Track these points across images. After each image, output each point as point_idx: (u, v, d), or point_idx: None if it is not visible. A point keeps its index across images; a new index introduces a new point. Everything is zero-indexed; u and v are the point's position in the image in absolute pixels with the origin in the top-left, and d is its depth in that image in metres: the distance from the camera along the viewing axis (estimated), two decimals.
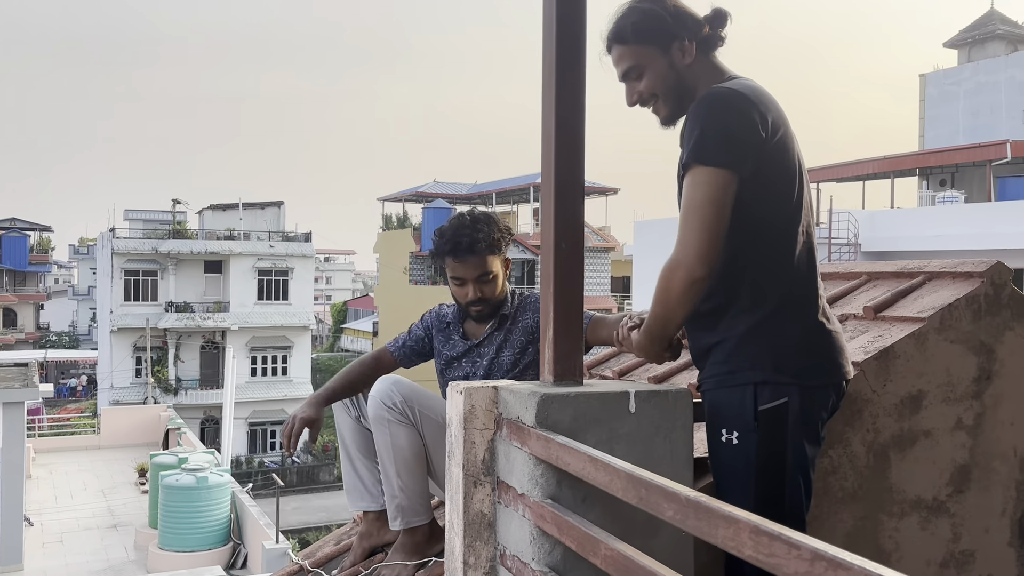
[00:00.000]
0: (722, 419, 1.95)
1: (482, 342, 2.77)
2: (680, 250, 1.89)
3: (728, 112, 1.89)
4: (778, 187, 1.96)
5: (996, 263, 2.48)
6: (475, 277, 2.69)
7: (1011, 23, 30.92)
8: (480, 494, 1.99)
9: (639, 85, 2.08)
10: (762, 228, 1.95)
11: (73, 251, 71.83)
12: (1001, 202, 22.10)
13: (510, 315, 2.76)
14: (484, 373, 2.72)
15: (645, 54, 2.05)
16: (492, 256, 2.70)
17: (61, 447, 23.77)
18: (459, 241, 2.67)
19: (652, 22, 2.04)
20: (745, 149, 1.88)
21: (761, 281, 1.95)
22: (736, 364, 1.94)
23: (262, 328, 37.11)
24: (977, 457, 2.46)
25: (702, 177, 1.87)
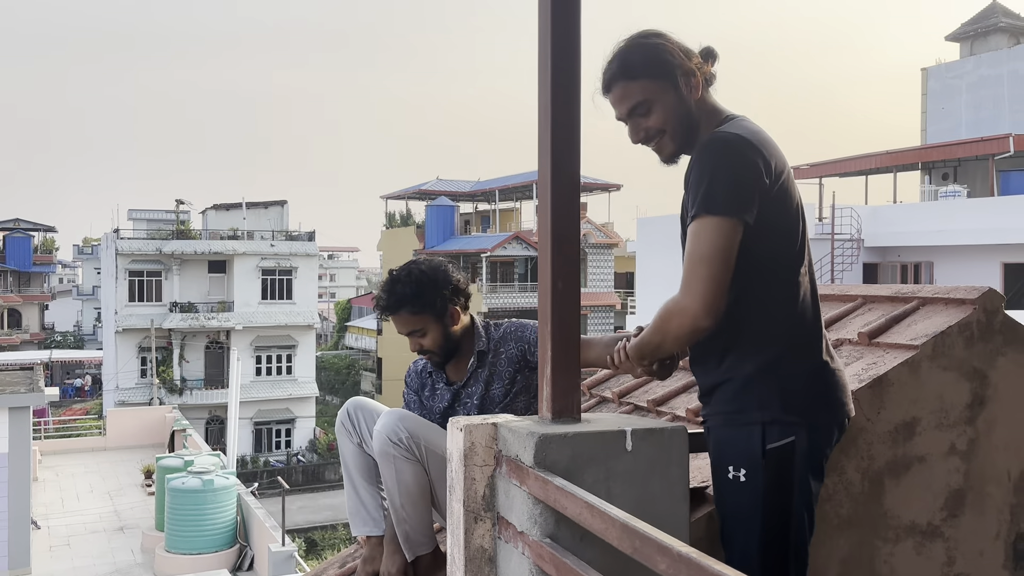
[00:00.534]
0: (730, 456, 1.99)
1: (467, 382, 2.80)
2: (686, 298, 1.92)
3: (734, 159, 1.93)
4: (782, 230, 2.00)
5: (988, 290, 2.51)
6: (406, 333, 2.75)
7: (1014, 16, 30.85)
8: (481, 529, 2.03)
9: (647, 121, 2.08)
10: (768, 270, 1.99)
11: (77, 251, 72.02)
12: (1004, 196, 22.08)
13: (489, 349, 2.78)
14: (477, 412, 2.74)
15: (655, 88, 2.05)
16: (412, 313, 2.70)
17: (67, 449, 23.86)
18: (379, 300, 2.76)
19: (663, 56, 2.05)
20: (751, 196, 1.92)
21: (768, 323, 2.00)
22: (744, 403, 1.98)
23: (266, 327, 37.22)
24: (971, 481, 2.50)
25: (711, 227, 1.90)
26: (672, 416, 2.86)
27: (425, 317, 2.72)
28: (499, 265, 40.33)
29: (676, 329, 1.96)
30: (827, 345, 2.07)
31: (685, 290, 1.93)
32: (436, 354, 2.77)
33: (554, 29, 1.98)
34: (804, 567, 2.02)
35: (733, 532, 2.00)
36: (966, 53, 30.97)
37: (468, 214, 48.80)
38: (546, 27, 1.98)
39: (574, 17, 2.00)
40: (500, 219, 44.89)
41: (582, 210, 31.46)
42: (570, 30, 2.00)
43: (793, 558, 1.99)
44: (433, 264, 2.79)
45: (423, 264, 2.78)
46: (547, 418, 2.01)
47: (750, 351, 1.99)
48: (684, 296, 1.93)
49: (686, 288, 1.93)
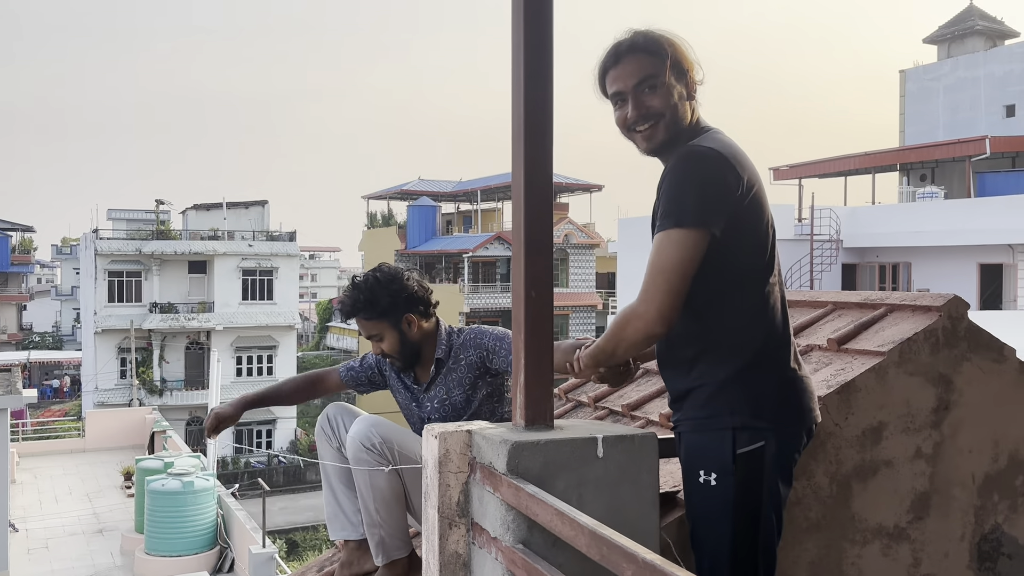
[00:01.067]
0: (700, 461, 2.03)
1: (430, 385, 2.88)
2: (643, 305, 1.98)
3: (705, 174, 1.97)
4: (753, 242, 2.05)
5: (953, 297, 2.57)
6: (366, 337, 2.87)
7: (990, 19, 31.18)
8: (455, 535, 2.06)
9: (651, 99, 2.07)
10: (738, 280, 2.04)
11: (56, 251, 71.38)
12: (980, 198, 22.33)
13: (448, 356, 2.85)
14: (439, 416, 2.82)
15: (668, 71, 2.06)
16: (365, 320, 2.83)
17: (45, 451, 23.67)
18: (339, 308, 2.90)
19: (679, 49, 2.10)
20: (719, 209, 1.97)
21: (739, 331, 2.04)
22: (715, 409, 2.02)
23: (247, 328, 37.06)
24: (937, 484, 2.55)
25: (675, 238, 1.95)
26: (646, 421, 2.90)
27: (381, 323, 2.81)
28: (481, 265, 40.35)
29: (632, 335, 2.02)
30: (795, 353, 2.12)
31: (643, 298, 1.98)
32: (395, 359, 2.86)
33: (527, 41, 2.01)
34: (772, 570, 2.07)
35: (704, 536, 2.04)
36: (943, 55, 31.27)
37: (450, 214, 48.80)
38: (519, 41, 2.02)
39: (546, 28, 2.03)
40: (482, 219, 44.91)
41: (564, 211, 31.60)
42: (542, 42, 2.03)
43: (762, 561, 2.04)
44: (391, 272, 2.86)
45: (381, 271, 2.87)
46: (520, 425, 2.05)
47: (722, 358, 2.04)
48: (641, 304, 1.98)
49: (644, 296, 1.98)
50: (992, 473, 2.62)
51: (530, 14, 2.02)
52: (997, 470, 2.62)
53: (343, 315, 2.87)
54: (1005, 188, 22.56)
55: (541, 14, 2.03)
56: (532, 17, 2.02)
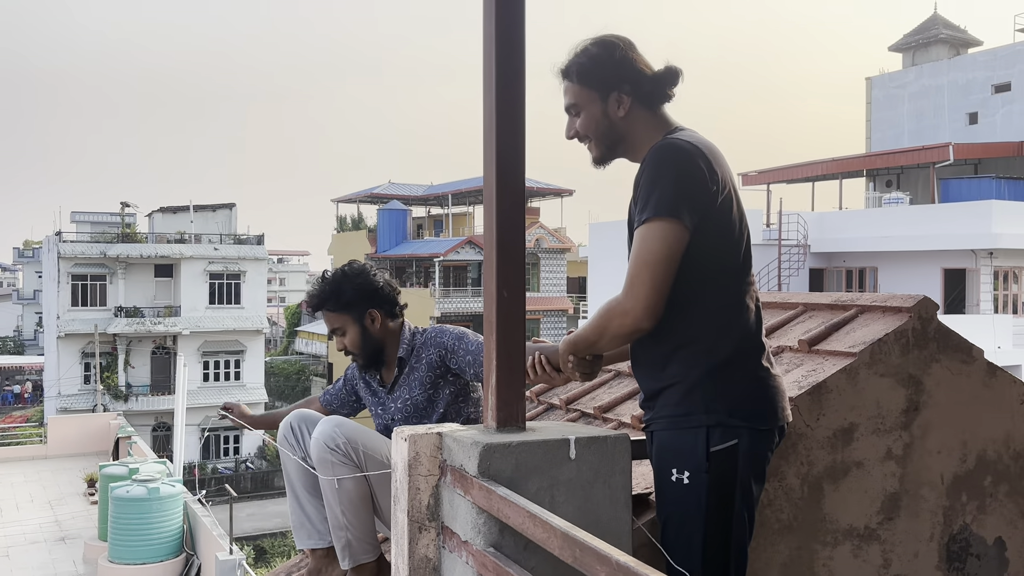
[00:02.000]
0: (673, 459, 2.01)
1: (394, 385, 2.88)
2: (629, 300, 1.96)
3: (683, 166, 1.97)
4: (727, 239, 2.05)
5: (923, 298, 2.58)
6: (329, 332, 2.90)
7: (954, 27, 31.71)
8: (425, 539, 2.03)
9: (576, 122, 2.19)
10: (713, 278, 2.04)
11: (18, 254, 70.14)
12: (944, 204, 22.70)
13: (410, 355, 2.85)
14: (403, 417, 2.81)
15: (584, 96, 2.15)
16: (332, 313, 2.85)
17: (6, 458, 23.18)
18: (307, 300, 2.91)
19: (595, 68, 2.13)
20: (697, 202, 1.96)
21: (713, 329, 2.04)
22: (689, 407, 2.01)
23: (214, 332, 36.65)
24: (906, 485, 2.56)
25: (657, 231, 1.94)
26: (617, 423, 2.88)
27: (344, 316, 2.83)
28: (452, 269, 40.26)
29: (616, 328, 2.00)
30: (768, 353, 2.12)
31: (628, 292, 1.97)
32: (357, 355, 2.87)
33: (498, 44, 1.99)
34: (743, 570, 2.06)
35: (676, 535, 2.03)
36: (908, 63, 31.76)
37: (421, 218, 48.64)
38: (490, 44, 2.00)
39: (518, 31, 2.01)
40: (453, 223, 44.82)
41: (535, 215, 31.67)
42: (514, 44, 2.01)
43: (734, 560, 2.03)
44: (359, 267, 2.89)
45: (350, 266, 2.90)
46: (492, 427, 2.02)
47: (696, 356, 2.03)
48: (627, 298, 1.97)
49: (629, 290, 1.97)
50: (961, 474, 2.63)
51: (501, 18, 2.00)
52: (966, 471, 2.64)
53: (310, 307, 2.87)
54: (968, 194, 22.95)
55: (512, 17, 2.00)
56: (503, 20, 2.00)
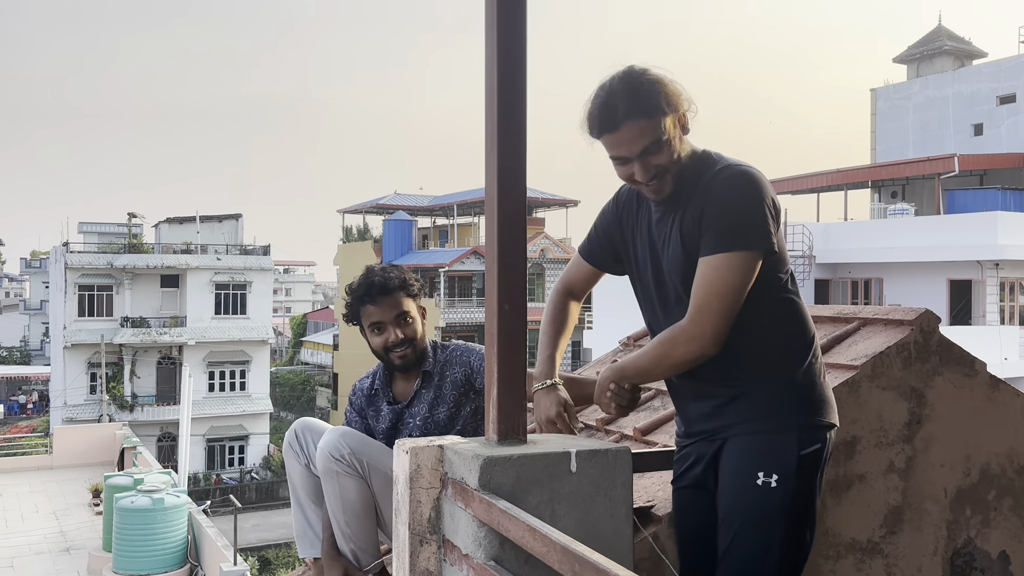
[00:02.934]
0: (760, 463, 2.01)
1: (411, 402, 2.80)
2: (697, 328, 1.98)
3: (760, 193, 2.00)
4: (784, 252, 2.11)
5: (925, 311, 2.58)
6: (392, 318, 2.74)
7: (958, 39, 31.73)
8: (426, 552, 2.03)
9: (657, 158, 2.01)
10: (780, 288, 2.09)
11: (25, 264, 70.45)
12: (950, 215, 22.66)
13: (435, 371, 2.79)
14: (421, 433, 2.74)
15: (665, 126, 2.00)
16: (406, 297, 2.77)
17: (11, 468, 23.20)
18: (372, 283, 2.76)
19: (672, 93, 2.03)
20: (770, 229, 2.00)
21: (785, 335, 2.08)
22: (776, 410, 2.04)
23: (220, 343, 36.70)
24: (909, 499, 2.55)
25: (735, 262, 1.97)
26: (620, 435, 2.88)
27: (413, 303, 2.79)
28: (457, 280, 40.29)
29: (681, 356, 2.02)
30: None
31: (696, 320, 1.98)
32: (414, 348, 2.76)
33: (500, 55, 2.00)
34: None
35: (754, 536, 2.01)
36: (913, 75, 31.77)
37: (426, 229, 48.73)
38: (492, 55, 2.01)
39: (519, 41, 2.02)
40: (458, 234, 44.89)
41: (539, 226, 31.64)
42: (516, 54, 2.02)
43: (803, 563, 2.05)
44: (395, 264, 2.91)
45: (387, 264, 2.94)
46: (493, 440, 2.02)
47: (777, 363, 2.06)
48: (694, 326, 1.98)
49: (697, 318, 1.98)
50: (964, 487, 2.63)
51: (503, 29, 2.01)
52: (969, 484, 2.63)
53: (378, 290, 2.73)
54: (974, 205, 22.92)
55: (514, 29, 2.02)
56: (505, 31, 2.01)
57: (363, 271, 2.84)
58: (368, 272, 2.80)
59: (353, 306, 2.79)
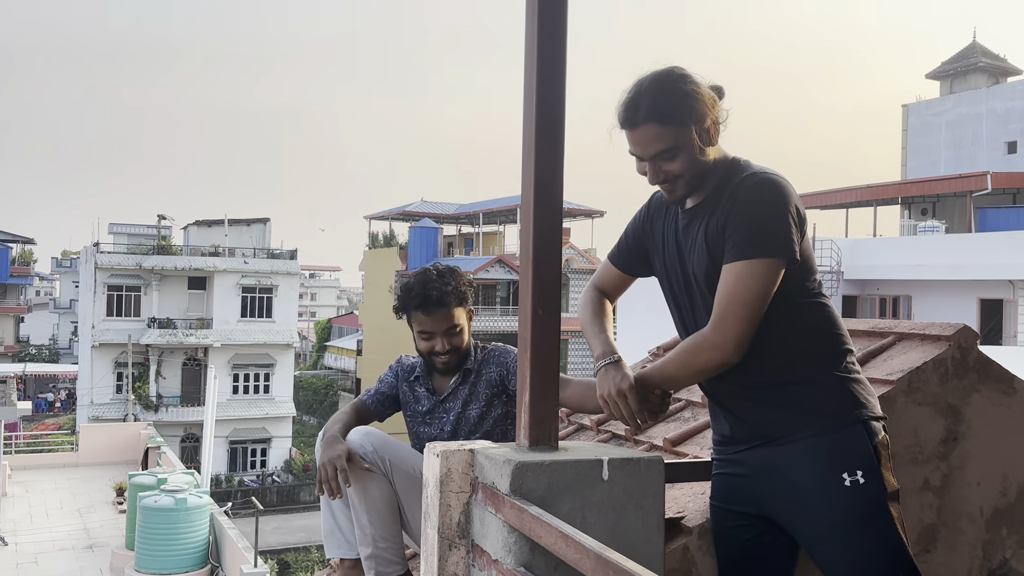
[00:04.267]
0: (842, 463, 1.97)
1: (447, 397, 2.82)
2: (719, 335, 1.96)
3: (786, 201, 1.98)
4: (811, 254, 2.11)
5: (963, 327, 2.54)
6: (444, 330, 2.75)
7: (993, 56, 31.40)
8: (455, 556, 2.02)
9: (669, 165, 2.05)
10: (812, 288, 2.09)
11: (56, 264, 71.42)
12: (981, 233, 22.37)
13: (474, 368, 2.81)
14: (451, 428, 2.77)
15: (684, 136, 2.02)
16: (460, 308, 2.78)
17: (38, 464, 23.48)
18: (428, 295, 2.73)
19: (695, 104, 2.03)
20: (793, 237, 1.98)
21: (826, 333, 2.08)
22: (837, 407, 2.01)
23: (245, 345, 36.97)
24: (944, 517, 2.51)
25: (759, 270, 1.95)
26: (650, 445, 2.86)
27: (463, 312, 2.80)
28: (481, 288, 40.33)
29: (704, 363, 2.00)
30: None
31: (718, 327, 1.97)
32: (458, 354, 2.79)
33: (540, 62, 2.00)
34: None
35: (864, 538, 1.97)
36: (946, 91, 31.48)
37: (451, 236, 48.85)
38: (532, 59, 2.00)
39: (560, 49, 2.02)
40: (483, 242, 44.96)
41: (565, 235, 31.63)
42: (556, 62, 2.02)
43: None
44: (452, 268, 2.86)
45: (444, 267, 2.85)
46: (524, 445, 2.01)
47: (818, 361, 2.05)
48: (716, 334, 1.97)
49: (719, 325, 1.96)
50: (1001, 507, 2.58)
51: (543, 36, 2.01)
52: (1006, 504, 2.58)
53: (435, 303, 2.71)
54: (1006, 224, 22.60)
55: (555, 36, 2.01)
56: (545, 39, 2.01)
57: (421, 273, 2.80)
58: (426, 279, 2.76)
59: (405, 308, 2.79)
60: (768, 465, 2.05)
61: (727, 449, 2.16)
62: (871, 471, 1.97)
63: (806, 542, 2.04)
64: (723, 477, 2.17)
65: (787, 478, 2.03)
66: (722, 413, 2.17)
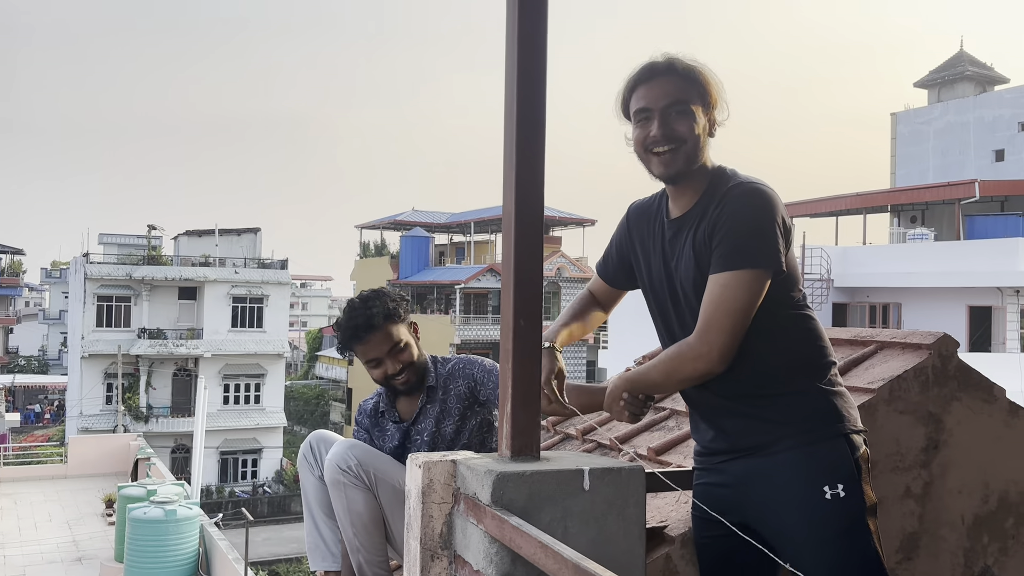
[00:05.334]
0: (823, 475, 1.98)
1: (416, 419, 2.80)
2: (704, 345, 1.96)
3: (773, 212, 1.98)
4: (799, 275, 2.13)
5: (943, 335, 2.56)
6: (386, 352, 2.73)
7: (980, 64, 31.64)
8: (437, 568, 2.02)
9: (676, 123, 2.04)
10: (796, 300, 2.09)
11: (45, 274, 71.07)
12: (970, 240, 22.51)
13: (438, 385, 2.80)
14: (429, 449, 2.75)
15: (698, 100, 2.04)
16: (395, 325, 2.74)
17: (26, 476, 23.34)
18: (356, 324, 2.73)
19: (715, 84, 2.08)
20: (779, 248, 1.99)
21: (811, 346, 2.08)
22: (821, 420, 2.02)
23: (235, 355, 36.85)
24: (926, 525, 2.52)
25: (745, 280, 1.95)
26: (633, 454, 2.87)
27: (404, 329, 2.76)
28: (472, 297, 40.32)
29: (688, 372, 2.00)
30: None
31: (703, 337, 1.97)
32: (414, 369, 2.77)
33: (520, 74, 2.01)
34: None
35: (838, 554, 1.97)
36: (934, 99, 31.69)
37: (443, 245, 48.86)
38: (512, 72, 2.02)
39: (540, 59, 2.03)
40: (475, 251, 44.97)
41: (556, 244, 31.64)
42: (536, 73, 2.03)
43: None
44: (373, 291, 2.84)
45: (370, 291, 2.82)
46: (506, 456, 2.01)
47: (803, 373, 2.05)
48: (702, 343, 1.97)
49: (704, 335, 1.96)
50: (982, 514, 2.59)
51: (524, 45, 2.02)
52: (987, 511, 2.60)
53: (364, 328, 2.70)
54: (994, 231, 22.75)
55: (535, 45, 2.03)
56: (525, 48, 2.02)
57: (345, 307, 2.80)
58: (350, 310, 2.77)
59: (344, 345, 2.78)
60: (750, 476, 2.06)
61: (709, 459, 2.16)
62: (852, 484, 1.98)
63: (785, 553, 2.05)
64: (704, 487, 2.18)
65: (769, 489, 2.03)
66: (704, 423, 2.18)
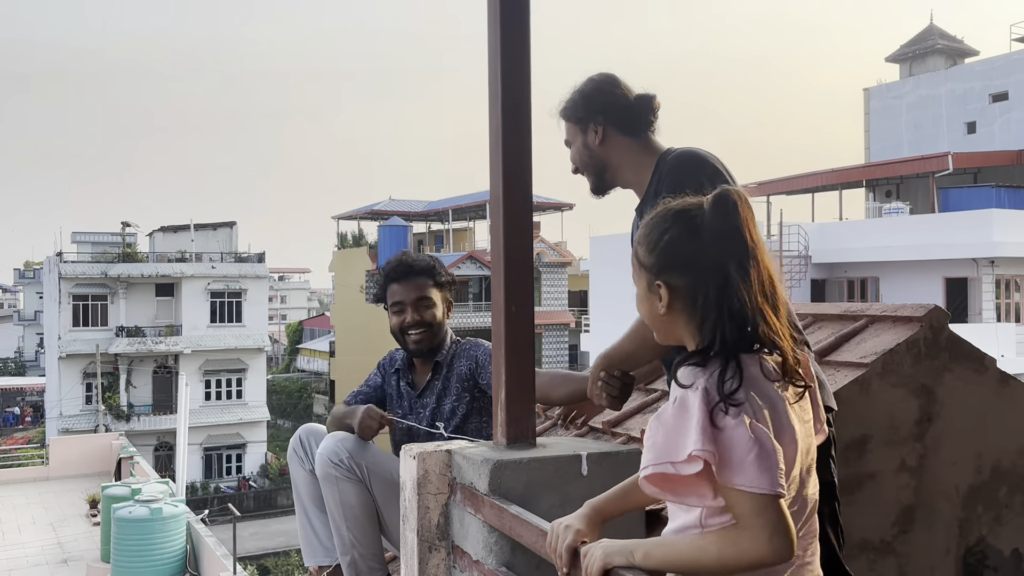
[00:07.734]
0: None
1: (424, 391, 2.84)
2: None
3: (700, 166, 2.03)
4: None
5: (934, 307, 2.56)
6: (413, 300, 2.80)
7: (950, 38, 31.81)
8: (435, 559, 1.99)
9: (571, 155, 2.33)
10: None
11: (18, 275, 70.16)
12: (944, 213, 22.70)
13: (444, 362, 2.83)
14: (428, 424, 2.78)
15: (571, 130, 2.30)
16: (430, 283, 2.83)
17: (7, 480, 23.07)
18: (400, 262, 2.87)
19: (573, 104, 2.27)
20: None
21: None
22: None
23: (216, 351, 36.56)
24: (921, 497, 2.53)
25: None
26: (627, 438, 2.85)
27: (436, 291, 2.84)
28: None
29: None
30: None
31: None
32: (430, 329, 2.80)
33: (503, 57, 1.98)
34: None
35: None
36: (905, 74, 31.83)
37: (421, 234, 48.65)
38: (496, 55, 1.98)
39: (524, 44, 1.99)
40: (453, 239, 44.84)
41: (536, 229, 31.57)
42: (520, 58, 1.99)
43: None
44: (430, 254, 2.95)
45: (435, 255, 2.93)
46: (502, 443, 1.99)
47: None
48: None
49: None
50: (976, 485, 2.60)
51: (506, 33, 1.99)
52: (981, 482, 2.61)
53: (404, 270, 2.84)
54: (968, 203, 22.94)
55: (518, 34, 1.99)
56: (508, 34, 1.99)
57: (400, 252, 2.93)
58: (403, 254, 2.91)
59: (382, 284, 2.87)
60: None
61: None
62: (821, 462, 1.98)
63: None
64: None
65: None
66: None
